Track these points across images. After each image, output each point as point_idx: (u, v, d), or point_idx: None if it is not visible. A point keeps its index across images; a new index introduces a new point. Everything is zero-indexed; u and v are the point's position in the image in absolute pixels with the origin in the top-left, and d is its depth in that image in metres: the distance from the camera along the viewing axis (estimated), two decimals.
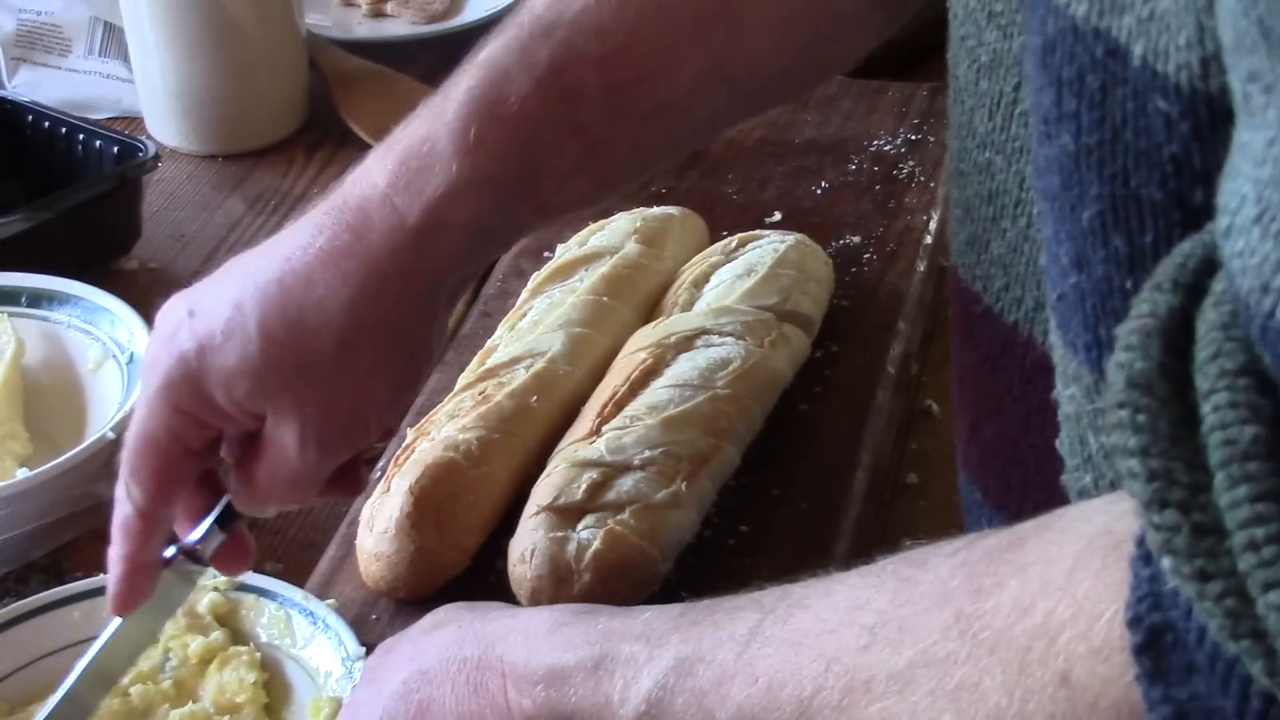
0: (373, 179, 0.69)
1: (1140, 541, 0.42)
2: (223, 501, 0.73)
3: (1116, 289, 0.49)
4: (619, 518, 0.79)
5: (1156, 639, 0.41)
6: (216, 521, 0.73)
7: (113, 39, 1.33)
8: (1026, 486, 0.60)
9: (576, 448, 0.83)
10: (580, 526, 0.79)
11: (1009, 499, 0.63)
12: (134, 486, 0.71)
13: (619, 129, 0.71)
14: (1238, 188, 0.39)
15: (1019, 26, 0.57)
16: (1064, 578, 0.45)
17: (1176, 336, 0.41)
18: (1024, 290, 0.60)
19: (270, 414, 0.69)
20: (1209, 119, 0.44)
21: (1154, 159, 0.46)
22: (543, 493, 0.81)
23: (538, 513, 0.80)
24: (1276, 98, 0.37)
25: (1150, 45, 0.45)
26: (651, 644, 0.58)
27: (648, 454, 0.82)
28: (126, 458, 0.71)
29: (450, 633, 0.65)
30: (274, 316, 0.67)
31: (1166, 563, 0.39)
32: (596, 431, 0.83)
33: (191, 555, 0.73)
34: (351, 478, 0.76)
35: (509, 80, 0.69)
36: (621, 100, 0.71)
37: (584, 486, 0.80)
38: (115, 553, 0.72)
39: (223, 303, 0.68)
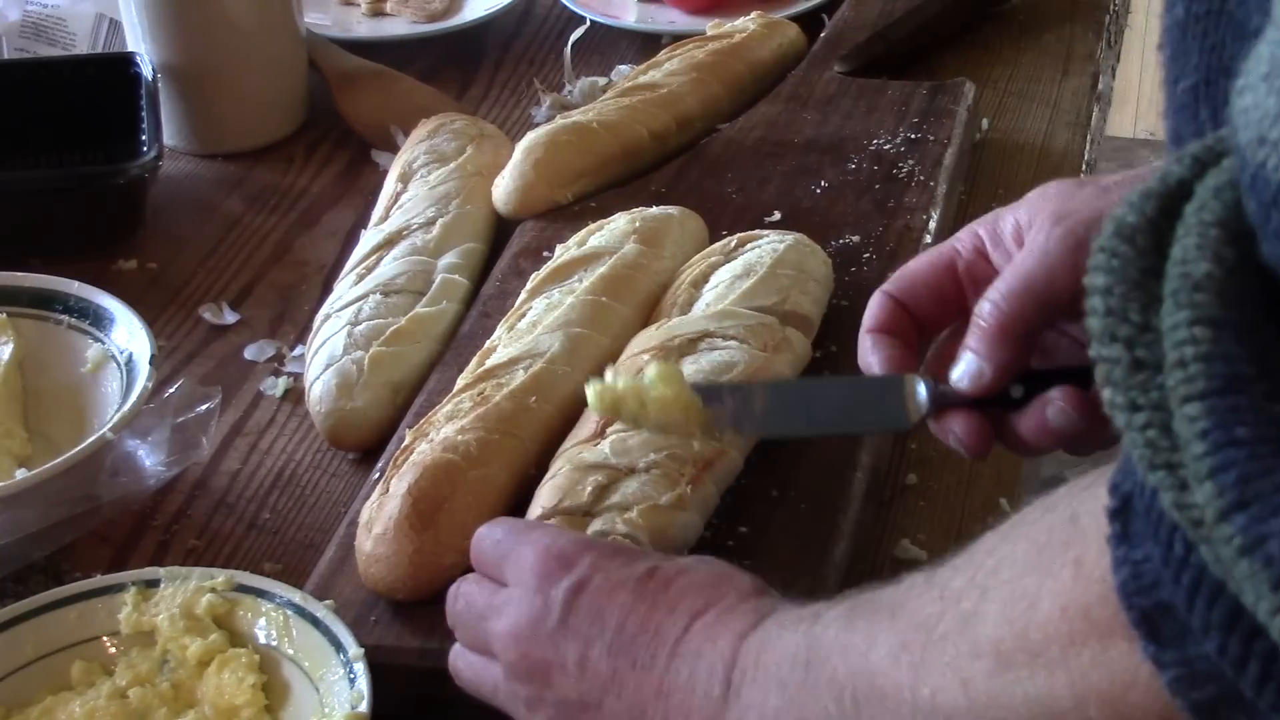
0: None
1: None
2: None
3: None
4: (625, 517, 0.79)
5: (1126, 504, 0.46)
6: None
7: (117, 36, 1.32)
8: None
9: (580, 450, 0.83)
10: (586, 530, 0.79)
11: None
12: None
13: None
14: (1260, 51, 0.41)
15: None
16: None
17: (1176, 201, 0.44)
18: None
19: None
20: None
21: (1244, 31, 0.48)
22: (547, 495, 0.81)
23: (543, 515, 0.80)
24: None
25: None
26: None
27: (652, 457, 0.82)
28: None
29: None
30: None
31: (1105, 394, 0.44)
32: (601, 434, 0.83)
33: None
34: None
35: None
36: None
37: (589, 489, 0.80)
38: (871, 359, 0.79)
39: None
